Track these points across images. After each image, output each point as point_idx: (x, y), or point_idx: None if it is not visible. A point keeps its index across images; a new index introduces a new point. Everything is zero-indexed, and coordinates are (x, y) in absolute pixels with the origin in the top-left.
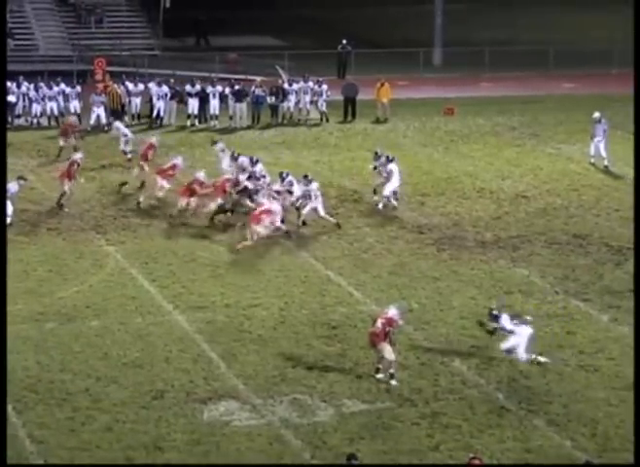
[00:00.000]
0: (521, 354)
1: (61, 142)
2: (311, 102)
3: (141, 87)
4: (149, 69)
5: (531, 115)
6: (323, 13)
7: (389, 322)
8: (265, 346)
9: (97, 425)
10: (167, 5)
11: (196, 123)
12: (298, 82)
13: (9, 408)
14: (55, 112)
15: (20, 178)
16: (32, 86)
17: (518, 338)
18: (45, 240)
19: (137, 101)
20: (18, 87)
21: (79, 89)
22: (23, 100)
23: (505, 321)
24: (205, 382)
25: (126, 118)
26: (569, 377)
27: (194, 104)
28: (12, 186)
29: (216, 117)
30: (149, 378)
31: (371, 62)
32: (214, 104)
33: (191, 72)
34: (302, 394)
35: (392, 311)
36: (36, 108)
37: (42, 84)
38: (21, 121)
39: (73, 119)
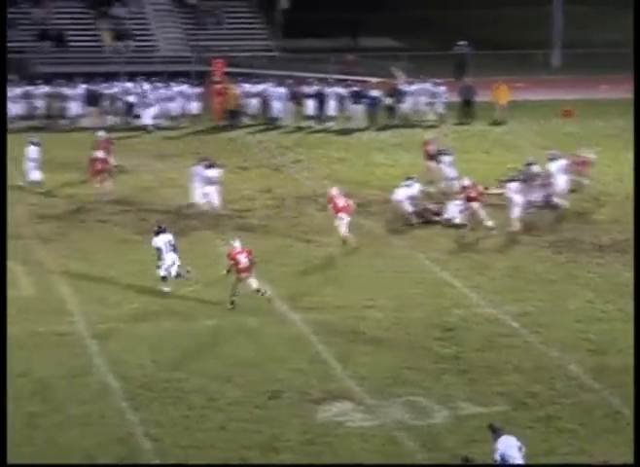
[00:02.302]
0: None
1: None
2: (428, 104)
3: (259, 87)
4: (266, 70)
5: None
6: (440, 13)
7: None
8: (379, 348)
9: (212, 424)
10: (286, 6)
11: (314, 124)
12: (415, 83)
13: (125, 405)
14: (173, 113)
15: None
16: (151, 86)
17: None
18: None
19: (255, 102)
20: (138, 87)
21: (199, 89)
22: (142, 101)
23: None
24: (320, 383)
25: (244, 118)
26: None
27: (311, 105)
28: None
29: (333, 118)
30: (263, 378)
31: (488, 64)
32: (331, 105)
33: (308, 73)
34: (417, 396)
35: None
36: (155, 109)
37: (161, 84)
38: (140, 121)
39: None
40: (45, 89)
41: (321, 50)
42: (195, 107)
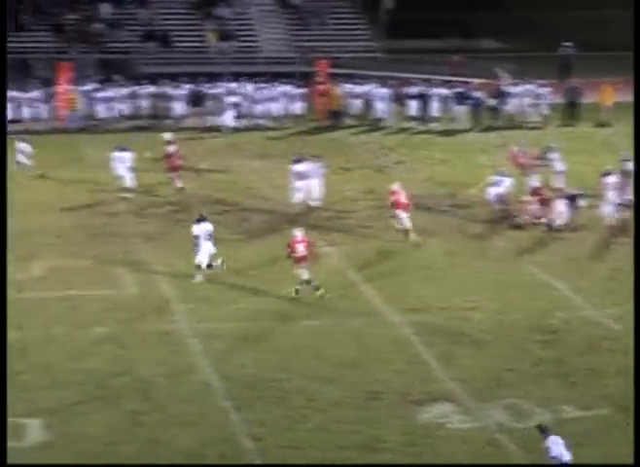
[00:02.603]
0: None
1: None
2: (532, 105)
3: (362, 88)
4: (370, 71)
5: None
6: (544, 14)
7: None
8: (480, 350)
9: (312, 424)
10: (390, 6)
11: (417, 125)
12: (519, 84)
13: (228, 404)
14: (277, 113)
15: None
16: (255, 87)
17: None
18: (264, 240)
19: (358, 103)
20: (242, 88)
21: (302, 90)
22: (246, 101)
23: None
24: (420, 384)
25: (347, 119)
26: None
27: (414, 106)
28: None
29: (436, 119)
30: (364, 379)
31: (593, 65)
32: (434, 106)
33: (411, 74)
34: (518, 398)
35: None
36: (259, 109)
37: (264, 85)
38: (244, 122)
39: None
40: (150, 89)
41: (425, 50)
42: (298, 107)
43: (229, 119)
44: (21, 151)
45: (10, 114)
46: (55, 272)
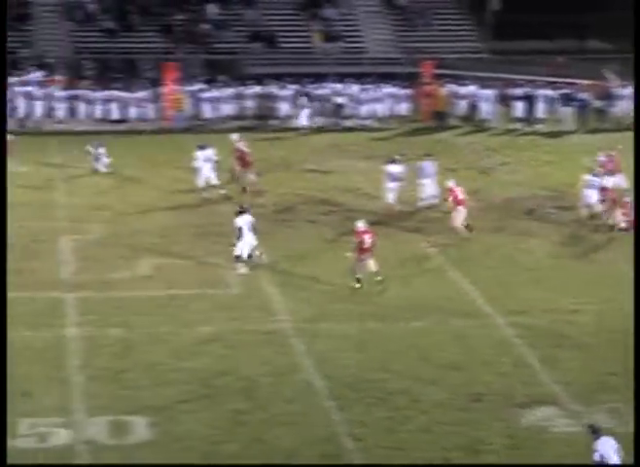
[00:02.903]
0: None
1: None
2: None
3: (467, 89)
4: (475, 72)
5: None
6: None
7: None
8: (585, 353)
9: (415, 426)
10: (496, 7)
11: (522, 126)
12: (627, 87)
13: (330, 404)
14: (382, 114)
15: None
16: (360, 88)
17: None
18: None
19: (463, 104)
20: (347, 89)
21: (408, 91)
22: (351, 102)
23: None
24: (524, 387)
25: (452, 120)
26: None
27: (519, 107)
28: None
29: (542, 120)
30: (467, 381)
31: None
32: (540, 107)
33: (517, 75)
34: (621, 403)
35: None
36: (364, 110)
37: (370, 86)
38: (350, 122)
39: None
40: (255, 89)
41: (531, 51)
42: (403, 108)
43: (304, 118)
44: (98, 156)
45: (116, 114)
46: (161, 272)
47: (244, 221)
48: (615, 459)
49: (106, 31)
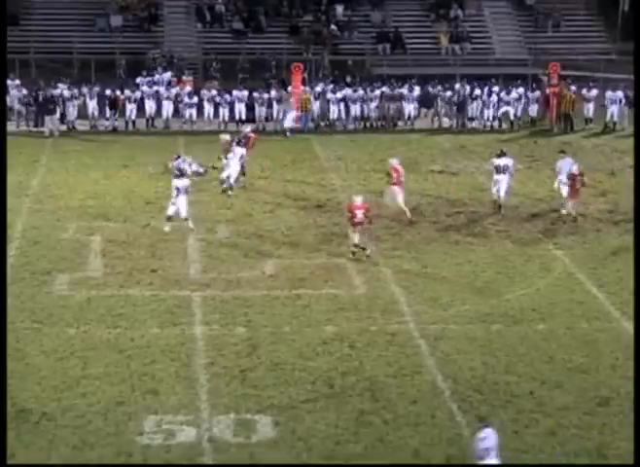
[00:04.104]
0: None
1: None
2: None
3: (594, 91)
4: (604, 73)
5: None
6: None
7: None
8: None
9: (541, 429)
10: (626, 8)
11: None
12: None
13: (454, 406)
14: (512, 116)
15: None
16: (487, 89)
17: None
18: (494, 242)
19: (590, 106)
20: (473, 90)
21: (536, 93)
22: (479, 104)
23: None
24: None
25: (580, 122)
26: None
27: None
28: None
29: None
30: (594, 384)
31: None
32: None
33: None
34: None
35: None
36: (488, 111)
37: (497, 87)
38: (475, 123)
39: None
40: (382, 90)
41: None
42: (531, 110)
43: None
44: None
45: (243, 114)
46: (286, 271)
47: (181, 183)
48: (493, 457)
49: (234, 32)
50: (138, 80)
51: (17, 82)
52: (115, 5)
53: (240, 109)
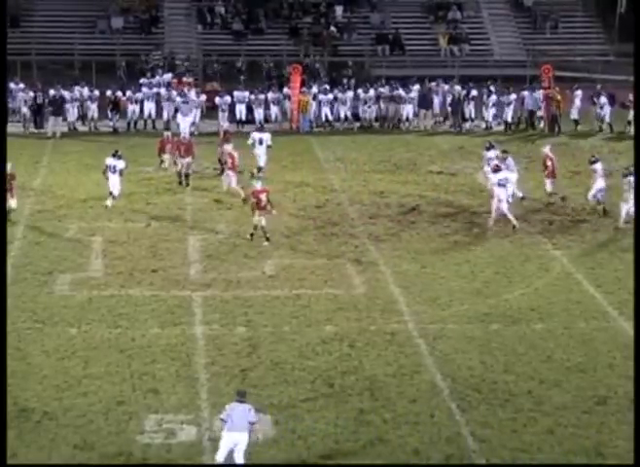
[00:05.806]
0: None
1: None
2: None
3: (589, 92)
4: (601, 75)
5: None
6: None
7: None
8: None
9: (539, 428)
10: (624, 10)
11: None
12: None
13: (453, 405)
14: (509, 118)
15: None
16: (485, 90)
17: None
18: (492, 243)
19: (586, 106)
20: (471, 91)
21: (540, 93)
22: (477, 105)
23: None
24: None
25: (574, 123)
26: None
27: None
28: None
29: None
30: (592, 384)
31: None
32: None
33: None
34: None
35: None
36: (486, 112)
37: (492, 88)
38: (468, 124)
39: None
40: (380, 91)
41: None
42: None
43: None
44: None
45: (242, 115)
46: (286, 271)
47: (113, 162)
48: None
49: (234, 33)
50: (142, 81)
51: (22, 85)
52: (116, 7)
53: (241, 110)
